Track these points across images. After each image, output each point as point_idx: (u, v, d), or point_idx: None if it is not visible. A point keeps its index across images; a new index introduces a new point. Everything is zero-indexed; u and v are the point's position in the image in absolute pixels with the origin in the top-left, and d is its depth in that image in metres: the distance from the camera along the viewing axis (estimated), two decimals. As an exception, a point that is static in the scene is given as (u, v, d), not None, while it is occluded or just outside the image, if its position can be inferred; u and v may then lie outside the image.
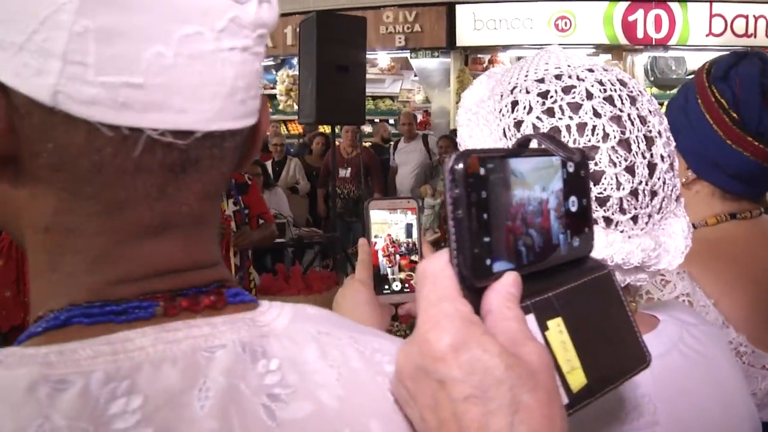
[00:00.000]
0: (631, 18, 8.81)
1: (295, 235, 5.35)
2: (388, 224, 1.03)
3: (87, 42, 0.42)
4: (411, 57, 10.13)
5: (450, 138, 6.75)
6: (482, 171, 0.47)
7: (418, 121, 9.69)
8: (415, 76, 10.94)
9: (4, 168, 0.47)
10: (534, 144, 0.52)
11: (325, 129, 7.27)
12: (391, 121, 11.27)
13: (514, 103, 0.76)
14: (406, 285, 1.03)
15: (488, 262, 0.47)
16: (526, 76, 0.78)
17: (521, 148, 0.51)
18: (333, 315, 0.60)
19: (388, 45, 9.94)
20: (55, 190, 0.47)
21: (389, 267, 1.02)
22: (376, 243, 1.02)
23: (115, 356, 0.44)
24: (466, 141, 0.78)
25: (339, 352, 0.53)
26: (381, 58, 11.04)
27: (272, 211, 4.66)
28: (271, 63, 10.75)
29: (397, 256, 1.03)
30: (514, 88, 0.77)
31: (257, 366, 0.49)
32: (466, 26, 9.47)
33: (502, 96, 0.77)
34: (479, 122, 0.76)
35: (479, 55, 10.11)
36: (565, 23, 9.01)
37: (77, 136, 0.44)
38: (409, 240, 1.03)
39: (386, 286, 1.02)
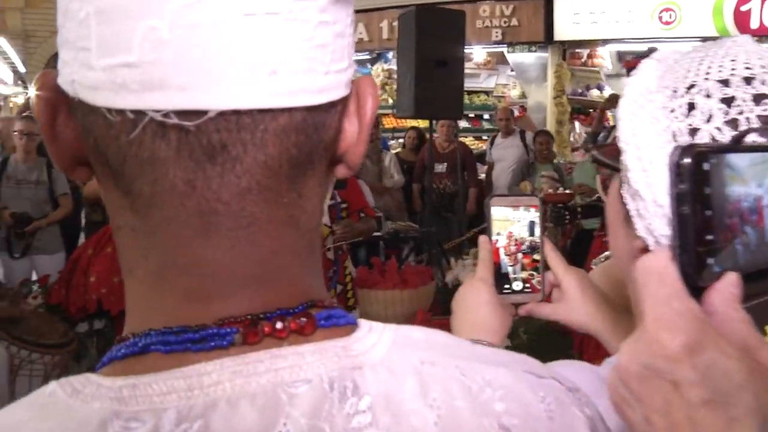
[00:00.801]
0: (744, 8, 8.20)
1: (391, 229, 5.36)
2: (510, 221, 1.00)
3: (89, 25, 0.40)
4: (507, 51, 10.00)
5: (548, 134, 6.62)
6: (706, 166, 0.45)
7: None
8: (512, 71, 10.78)
9: (89, 169, 0.46)
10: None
11: (420, 123, 7.26)
12: (486, 116, 11.16)
13: (691, 106, 0.64)
14: (528, 284, 1.00)
15: (710, 261, 0.45)
16: (707, 73, 0.66)
17: (739, 144, 0.49)
18: (441, 338, 0.52)
19: (484, 39, 9.83)
20: (111, 186, 0.44)
21: (511, 266, 1.00)
22: (497, 241, 0.99)
23: (190, 392, 0.41)
24: (629, 139, 0.66)
25: (442, 387, 0.46)
26: (476, 53, 10.93)
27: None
28: (367, 57, 10.83)
29: (519, 255, 1.00)
30: (692, 86, 0.65)
31: (345, 405, 0.42)
32: (565, 20, 9.25)
33: (675, 92, 0.66)
34: (646, 118, 0.66)
35: (577, 50, 9.87)
36: (670, 15, 8.55)
37: (99, 126, 0.41)
38: (532, 238, 1.00)
39: (507, 286, 1.00)
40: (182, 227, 0.42)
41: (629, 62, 4.14)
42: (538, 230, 1.00)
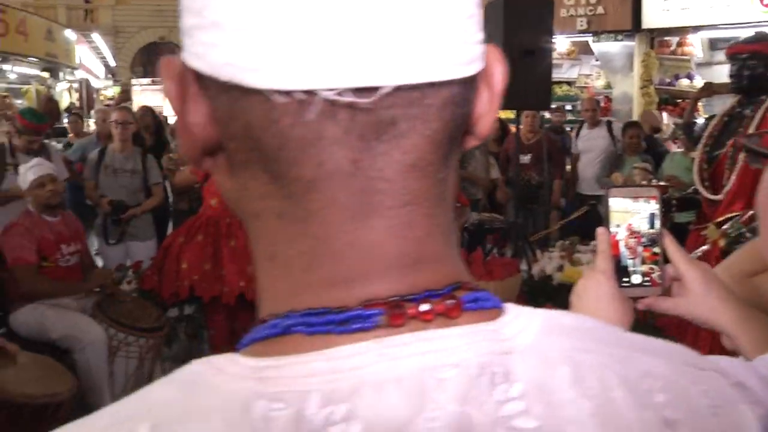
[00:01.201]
0: None
1: (475, 220, 5.32)
2: (629, 213, 0.97)
3: (249, 5, 0.38)
4: (593, 41, 9.76)
5: (638, 126, 6.42)
6: None
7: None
8: (596, 60, 10.53)
9: (218, 156, 0.45)
10: None
11: (503, 114, 7.17)
12: (568, 107, 10.94)
13: None
14: (647, 278, 0.97)
15: None
16: None
17: None
18: (591, 324, 0.49)
19: (568, 29, 9.62)
20: (256, 172, 0.43)
21: (630, 258, 0.97)
22: (616, 233, 0.97)
23: (333, 375, 0.40)
24: None
25: (597, 377, 0.43)
26: (560, 43, 10.71)
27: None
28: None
29: (639, 247, 0.97)
30: None
31: (496, 392, 0.40)
32: (654, 6, 8.95)
33: None
34: None
35: (666, 38, 9.54)
36: (775, -4, 7.97)
37: (254, 111, 0.40)
38: (652, 230, 0.97)
39: (626, 279, 0.97)
40: (341, 209, 0.41)
41: (733, 47, 3.95)
42: (658, 222, 0.97)
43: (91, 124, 10.40)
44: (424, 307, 0.42)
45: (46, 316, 3.78)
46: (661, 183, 4.92)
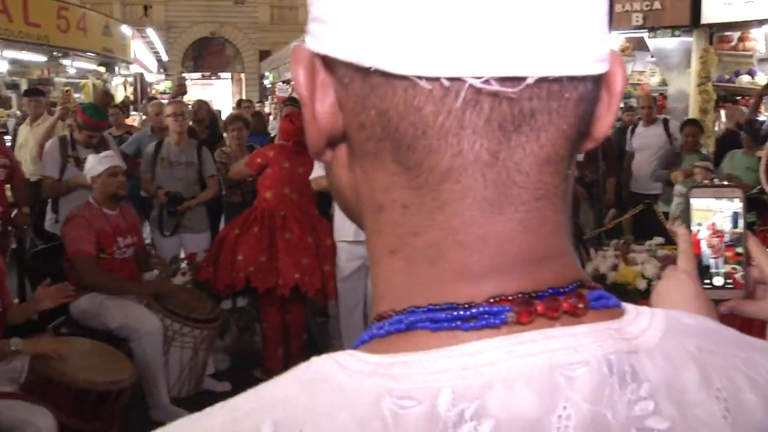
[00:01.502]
0: None
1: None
2: (712, 212, 0.94)
3: None
4: (648, 36, 9.55)
5: (697, 123, 6.27)
6: None
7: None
8: (652, 57, 10.30)
9: (338, 147, 0.45)
10: None
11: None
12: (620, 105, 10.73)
13: None
14: (730, 279, 0.93)
15: None
16: None
17: None
18: (712, 324, 0.48)
19: (623, 24, 9.42)
20: (384, 162, 0.42)
21: (713, 258, 0.94)
22: (698, 232, 0.94)
23: (464, 372, 0.39)
24: None
25: (725, 377, 0.42)
26: (613, 39, 10.53)
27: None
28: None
29: (722, 247, 0.94)
30: None
31: (626, 391, 0.40)
32: (714, 1, 8.71)
33: None
34: None
35: (727, 33, 9.28)
36: None
37: (396, 97, 0.39)
38: (735, 230, 0.93)
39: (707, 280, 0.94)
40: (475, 201, 0.41)
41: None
42: (742, 222, 0.94)
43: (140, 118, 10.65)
44: (552, 304, 0.41)
45: (104, 306, 3.87)
46: (724, 183, 4.80)
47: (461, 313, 0.40)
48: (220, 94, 29.80)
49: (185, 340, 3.99)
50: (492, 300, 0.41)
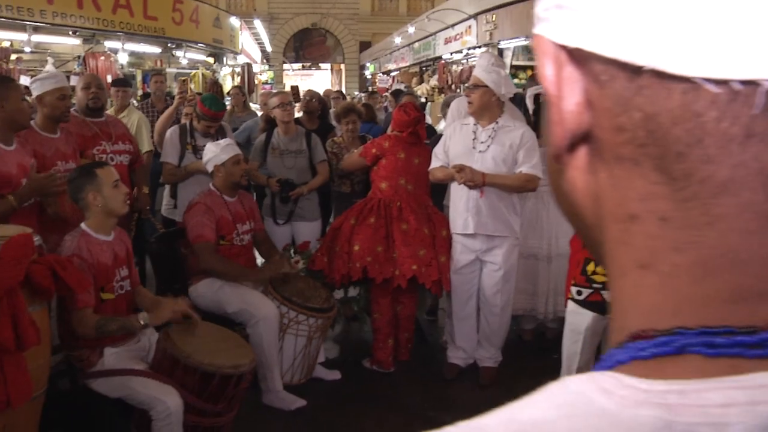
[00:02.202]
0: None
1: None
2: None
3: None
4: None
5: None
6: None
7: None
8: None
9: (577, 150, 0.41)
10: None
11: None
12: None
13: None
14: None
15: None
16: None
17: None
18: None
19: None
20: (643, 170, 0.38)
21: None
22: None
23: (755, 407, 0.34)
24: None
25: None
26: None
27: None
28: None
29: None
30: None
31: None
32: None
33: None
34: None
35: None
36: None
37: (670, 101, 0.35)
38: None
39: None
40: (756, 216, 0.36)
41: None
42: None
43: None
44: None
45: (222, 291, 3.96)
46: None
47: (744, 338, 0.36)
48: (319, 84, 30.26)
49: (300, 329, 4.04)
50: None
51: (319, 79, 31.98)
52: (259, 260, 4.51)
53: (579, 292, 3.45)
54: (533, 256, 4.76)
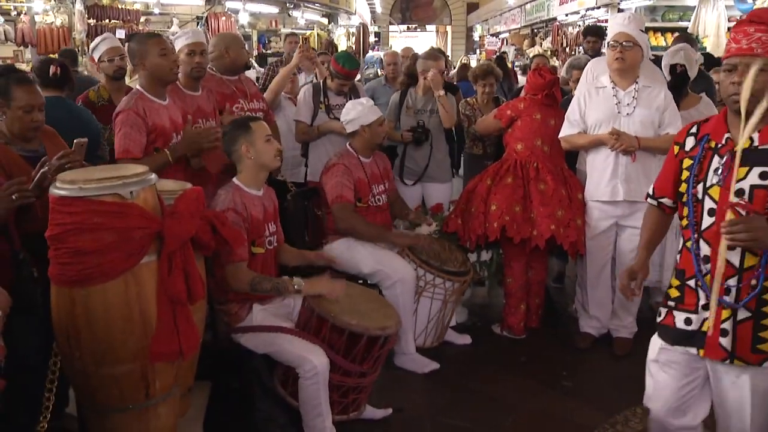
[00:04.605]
0: None
1: None
2: None
3: None
4: None
5: None
6: None
7: None
8: None
9: None
10: None
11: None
12: None
13: None
14: None
15: None
16: None
17: None
18: None
19: None
20: None
21: None
22: None
23: None
24: None
25: None
26: None
27: None
28: None
29: None
30: None
31: None
32: None
33: None
34: None
35: None
36: None
37: None
38: None
39: None
40: None
41: None
42: None
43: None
44: None
45: (358, 251, 3.94)
46: None
47: None
48: (423, 46, 29.88)
49: (436, 291, 3.98)
50: None
51: (424, 41, 31.59)
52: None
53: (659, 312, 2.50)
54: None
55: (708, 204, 2.19)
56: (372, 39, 21.53)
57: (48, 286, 2.23)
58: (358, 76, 7.71)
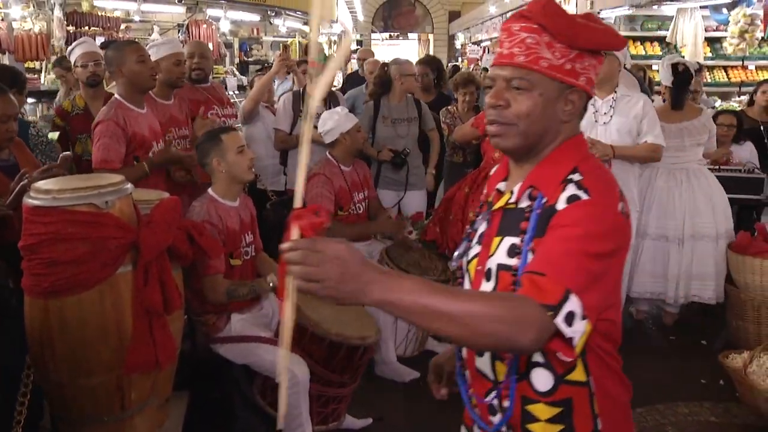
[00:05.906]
0: None
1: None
2: None
3: None
4: None
5: None
6: None
7: None
8: None
9: None
10: None
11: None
12: None
13: None
14: None
15: None
16: None
17: None
18: None
19: None
20: None
21: None
22: None
23: None
24: None
25: None
26: None
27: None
28: (727, 1, 9.74)
29: None
30: None
31: None
32: None
33: None
34: None
35: None
36: None
37: None
38: None
39: None
40: None
41: None
42: None
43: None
44: None
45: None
46: None
47: None
48: (405, 54, 29.95)
49: (417, 300, 3.97)
50: None
51: (405, 49, 31.65)
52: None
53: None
54: (663, 237, 4.53)
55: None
56: (354, 46, 21.53)
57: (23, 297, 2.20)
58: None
